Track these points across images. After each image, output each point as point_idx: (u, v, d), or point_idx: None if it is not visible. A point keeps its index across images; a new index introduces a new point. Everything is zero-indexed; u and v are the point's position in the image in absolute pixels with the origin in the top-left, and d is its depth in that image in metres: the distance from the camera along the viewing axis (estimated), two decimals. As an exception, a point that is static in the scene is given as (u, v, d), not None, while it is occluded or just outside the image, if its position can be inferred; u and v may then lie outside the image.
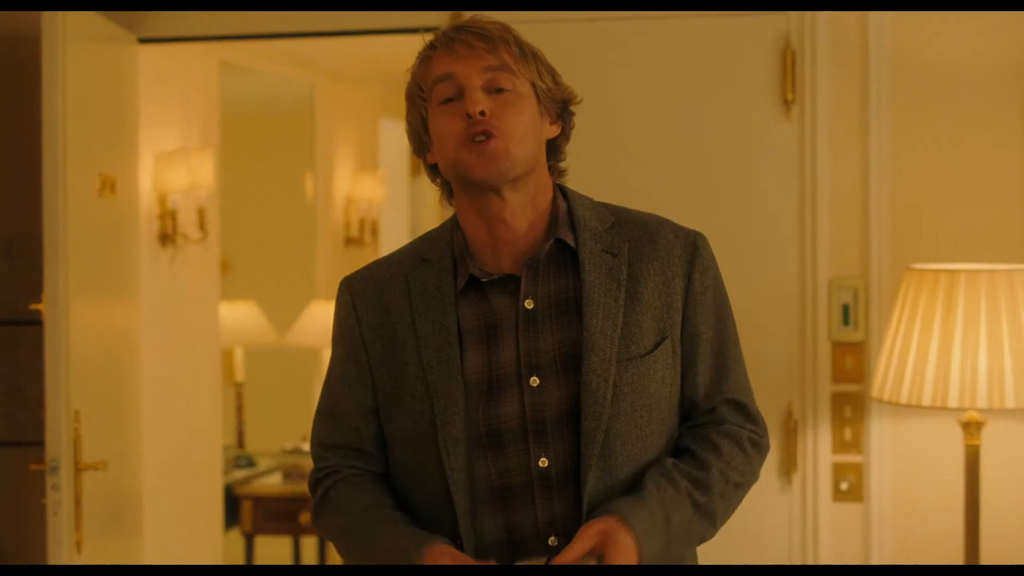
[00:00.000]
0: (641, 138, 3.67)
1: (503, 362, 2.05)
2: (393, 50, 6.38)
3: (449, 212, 2.17)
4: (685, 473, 2.05)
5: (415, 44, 2.11)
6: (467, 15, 2.13)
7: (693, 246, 2.11)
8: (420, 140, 2.11)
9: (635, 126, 3.66)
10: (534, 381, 2.04)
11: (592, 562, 1.94)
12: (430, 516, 2.05)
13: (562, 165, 2.15)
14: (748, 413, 2.14)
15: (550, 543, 2.03)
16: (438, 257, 2.11)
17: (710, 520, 2.07)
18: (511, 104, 2.03)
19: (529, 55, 2.07)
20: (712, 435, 2.10)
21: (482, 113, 2.01)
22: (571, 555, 1.93)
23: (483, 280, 2.07)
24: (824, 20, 3.58)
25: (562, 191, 2.14)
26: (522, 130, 2.03)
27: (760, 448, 2.14)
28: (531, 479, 2.03)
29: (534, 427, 2.03)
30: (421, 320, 2.07)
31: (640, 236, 2.10)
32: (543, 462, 2.03)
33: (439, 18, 3.73)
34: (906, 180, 3.58)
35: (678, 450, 2.11)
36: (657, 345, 2.06)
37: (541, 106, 2.07)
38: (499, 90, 2.03)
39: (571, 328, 2.05)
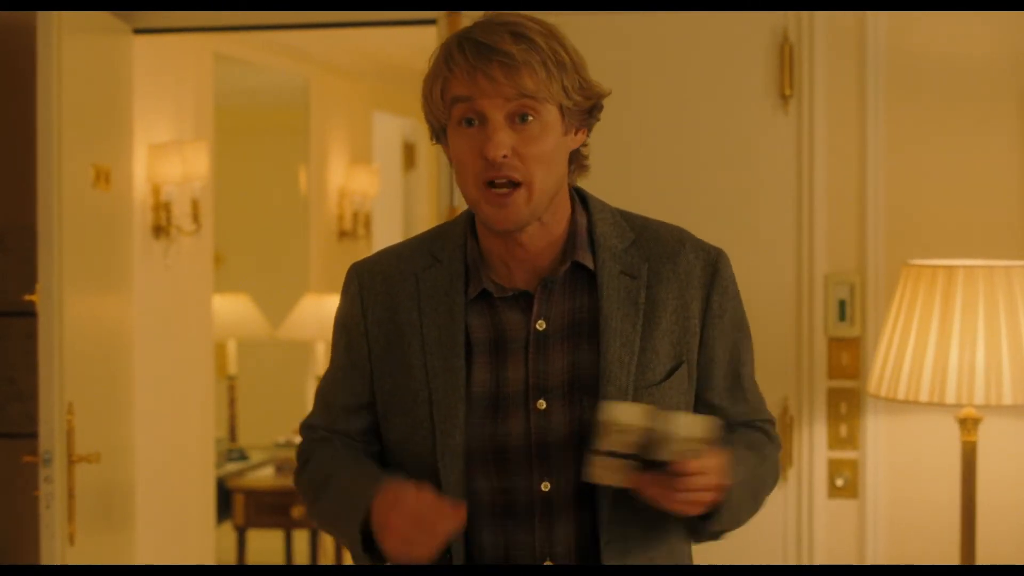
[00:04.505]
0: (638, 133, 3.65)
1: (510, 381, 2.01)
2: (388, 43, 6.41)
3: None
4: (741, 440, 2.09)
5: (410, 38, 2.05)
6: (462, 15, 2.06)
7: (714, 266, 2.07)
8: (438, 135, 2.03)
9: (632, 121, 3.64)
10: (541, 404, 2.00)
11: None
12: None
13: (586, 163, 2.07)
14: (767, 432, 2.16)
15: (546, 565, 2.01)
16: (450, 259, 2.05)
17: (773, 472, 2.14)
18: (535, 138, 1.93)
19: (555, 71, 1.93)
20: (742, 430, 2.13)
21: (504, 155, 1.92)
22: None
23: (496, 295, 2.03)
24: (822, 15, 3.57)
25: (582, 200, 2.08)
26: (547, 163, 1.95)
27: (776, 457, 2.18)
28: (533, 501, 2.00)
29: (538, 451, 2.00)
30: (429, 325, 2.03)
31: (660, 255, 2.05)
32: (545, 486, 2.00)
33: (434, 14, 3.71)
34: (903, 175, 3.57)
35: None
36: (673, 371, 2.03)
37: (566, 123, 1.97)
38: (523, 117, 1.93)
39: (581, 352, 2.01)
